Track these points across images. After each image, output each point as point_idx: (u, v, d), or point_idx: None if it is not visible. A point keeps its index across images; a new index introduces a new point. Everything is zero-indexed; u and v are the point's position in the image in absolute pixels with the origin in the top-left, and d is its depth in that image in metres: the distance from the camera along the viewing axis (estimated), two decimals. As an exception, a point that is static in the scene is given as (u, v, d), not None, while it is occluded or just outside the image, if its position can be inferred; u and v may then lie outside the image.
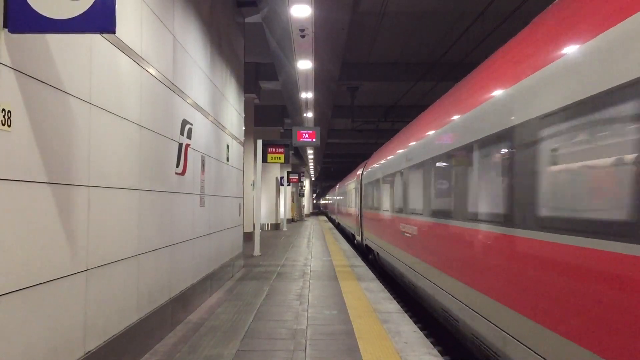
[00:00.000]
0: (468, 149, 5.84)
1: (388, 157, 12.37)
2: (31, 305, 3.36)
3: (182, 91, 6.87)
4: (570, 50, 3.68)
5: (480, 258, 5.44)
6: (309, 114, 20.39)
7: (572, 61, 3.63)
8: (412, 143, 9.31)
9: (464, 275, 5.91)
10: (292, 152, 32.72)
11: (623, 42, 3.08)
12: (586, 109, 3.41)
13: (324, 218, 59.78)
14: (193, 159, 7.42)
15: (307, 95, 16.71)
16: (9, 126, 3.08)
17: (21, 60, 3.23)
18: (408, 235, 9.43)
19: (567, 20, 3.94)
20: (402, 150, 10.41)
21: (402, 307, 10.42)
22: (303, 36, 10.59)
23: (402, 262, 10.09)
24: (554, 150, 3.86)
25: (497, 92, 5.07)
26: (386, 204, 12.56)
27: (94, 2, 3.13)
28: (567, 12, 4.03)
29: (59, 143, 3.70)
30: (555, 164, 3.82)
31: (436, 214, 7.28)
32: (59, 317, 3.72)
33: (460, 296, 6.06)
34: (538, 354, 3.99)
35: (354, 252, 16.98)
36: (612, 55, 3.17)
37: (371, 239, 15.69)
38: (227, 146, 10.39)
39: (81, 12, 3.13)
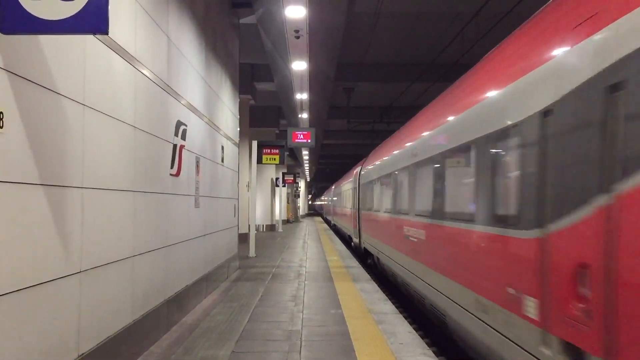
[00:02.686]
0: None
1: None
2: (24, 307, 3.35)
3: (176, 92, 6.85)
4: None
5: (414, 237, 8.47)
6: (304, 115, 20.39)
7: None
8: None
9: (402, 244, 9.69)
10: (288, 153, 32.68)
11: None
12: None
13: (320, 219, 59.74)
14: (188, 160, 7.40)
15: (302, 96, 16.71)
16: (1, 127, 3.07)
17: (13, 61, 3.22)
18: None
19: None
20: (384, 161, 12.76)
21: (397, 307, 10.42)
22: (298, 37, 10.59)
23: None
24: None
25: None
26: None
27: (87, 2, 3.12)
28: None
29: (53, 145, 3.69)
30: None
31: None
32: (52, 319, 3.70)
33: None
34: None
35: (349, 253, 16.99)
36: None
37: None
38: (222, 147, 10.38)
39: (74, 12, 3.12)
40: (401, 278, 9.86)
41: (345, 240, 19.15)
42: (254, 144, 15.40)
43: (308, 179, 70.75)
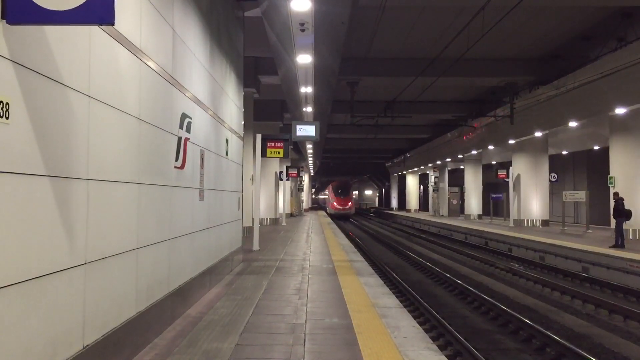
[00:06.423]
0: (324, 198, 79.40)
1: (324, 192, 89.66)
2: (30, 298, 3.35)
3: (181, 85, 6.84)
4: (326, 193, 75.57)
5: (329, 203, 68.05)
6: (309, 109, 20.35)
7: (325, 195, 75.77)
8: (323, 193, 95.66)
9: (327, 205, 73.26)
10: (292, 146, 32.67)
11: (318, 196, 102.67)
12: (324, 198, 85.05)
13: (323, 213, 59.98)
14: (192, 153, 7.40)
15: (306, 89, 16.66)
16: (7, 118, 3.06)
17: (19, 51, 3.21)
18: (324, 201, 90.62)
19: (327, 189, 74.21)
20: (324, 193, 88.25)
21: (401, 302, 10.42)
22: (303, 30, 10.54)
23: (326, 205, 77.58)
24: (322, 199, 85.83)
25: (324, 194, 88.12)
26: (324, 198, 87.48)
27: (93, -7, 3.12)
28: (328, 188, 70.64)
29: (58, 136, 3.68)
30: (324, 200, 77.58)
31: (322, 201, 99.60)
32: (57, 311, 3.70)
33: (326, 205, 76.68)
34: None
35: (353, 247, 16.99)
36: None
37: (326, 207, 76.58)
38: (227, 140, 10.37)
39: (80, 3, 3.11)
40: (324, 206, 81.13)
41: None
42: (258, 137, 15.38)
43: (312, 173, 71.10)
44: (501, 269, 17.94)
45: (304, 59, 12.70)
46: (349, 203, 58.03)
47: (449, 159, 43.45)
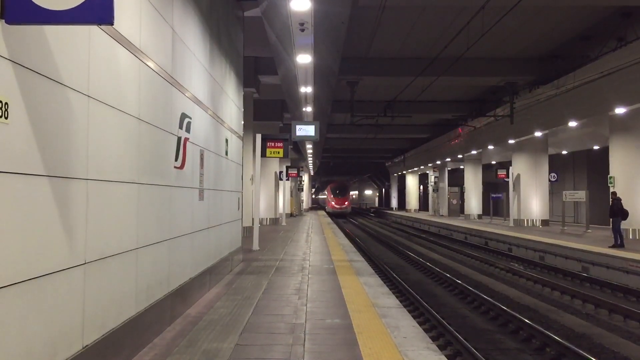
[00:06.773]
0: (324, 198, 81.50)
1: (323, 193, 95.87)
2: (29, 298, 3.35)
3: (181, 85, 6.83)
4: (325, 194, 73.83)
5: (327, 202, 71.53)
6: (308, 109, 20.34)
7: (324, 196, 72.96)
8: (322, 194, 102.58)
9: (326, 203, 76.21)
10: (291, 146, 32.64)
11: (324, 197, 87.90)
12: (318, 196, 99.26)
13: (323, 212, 59.95)
14: (192, 153, 7.39)
15: (306, 89, 16.65)
16: (6, 118, 3.06)
17: (18, 51, 3.20)
18: (323, 201, 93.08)
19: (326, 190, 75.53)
20: (324, 193, 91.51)
21: (401, 302, 10.42)
22: (303, 30, 10.53)
23: (325, 205, 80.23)
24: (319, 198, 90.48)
25: (323, 194, 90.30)
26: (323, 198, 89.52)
27: (92, -7, 3.12)
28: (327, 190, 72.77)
29: (57, 136, 3.68)
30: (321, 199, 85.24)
31: (321, 201, 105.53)
32: (57, 311, 3.70)
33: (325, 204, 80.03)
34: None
35: (353, 247, 16.98)
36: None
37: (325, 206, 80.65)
38: (226, 140, 10.36)
39: (79, 3, 3.10)
40: (323, 206, 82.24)
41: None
42: (258, 137, 15.37)
43: (312, 173, 71.16)
44: (501, 268, 17.94)
45: (304, 58, 12.69)
46: (346, 203, 65.23)
47: (448, 159, 43.47)
